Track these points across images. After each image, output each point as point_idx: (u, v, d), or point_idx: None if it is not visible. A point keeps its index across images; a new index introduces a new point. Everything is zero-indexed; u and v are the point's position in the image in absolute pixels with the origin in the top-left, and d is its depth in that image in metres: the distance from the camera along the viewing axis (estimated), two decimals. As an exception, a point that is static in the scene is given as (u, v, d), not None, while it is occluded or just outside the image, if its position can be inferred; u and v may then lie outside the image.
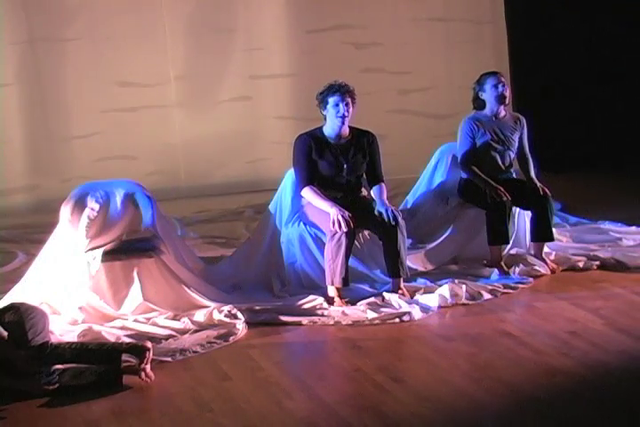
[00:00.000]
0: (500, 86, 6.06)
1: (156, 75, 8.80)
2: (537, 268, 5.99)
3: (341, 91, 5.67)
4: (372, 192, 5.79)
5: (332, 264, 5.43)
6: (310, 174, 5.66)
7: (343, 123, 5.66)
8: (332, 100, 5.66)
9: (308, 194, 5.64)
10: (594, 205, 7.59)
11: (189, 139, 8.92)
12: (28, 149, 8.59)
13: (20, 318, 4.46)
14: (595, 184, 8.69)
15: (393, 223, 5.50)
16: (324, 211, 5.53)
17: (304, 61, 9.17)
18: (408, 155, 8.61)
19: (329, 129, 5.71)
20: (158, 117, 8.85)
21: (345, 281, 5.46)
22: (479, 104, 6.15)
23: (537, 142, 9.52)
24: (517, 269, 5.96)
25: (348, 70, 9.23)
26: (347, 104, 5.65)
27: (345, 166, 5.68)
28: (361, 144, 5.75)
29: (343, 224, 5.38)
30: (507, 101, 6.14)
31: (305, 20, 9.13)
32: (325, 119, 5.73)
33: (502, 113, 6.16)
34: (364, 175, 5.82)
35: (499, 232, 5.92)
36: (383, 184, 5.80)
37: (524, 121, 6.26)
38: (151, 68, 8.78)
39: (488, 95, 6.09)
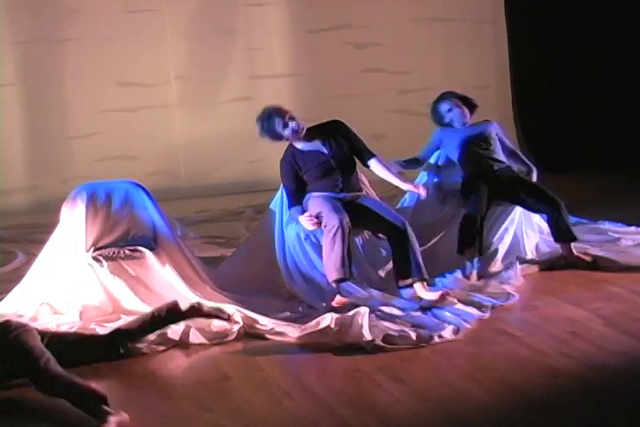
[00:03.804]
0: (451, 113, 6.23)
1: (157, 75, 8.81)
2: (512, 281, 5.73)
3: (280, 114, 5.55)
4: (377, 172, 5.73)
5: (329, 259, 5.35)
6: (296, 196, 5.64)
7: (302, 133, 5.60)
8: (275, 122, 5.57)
9: (293, 214, 5.65)
10: (594, 205, 7.59)
11: (189, 139, 8.93)
12: (28, 149, 8.60)
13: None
14: (595, 184, 8.68)
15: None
16: (324, 204, 5.52)
17: (304, 61, 9.18)
18: (408, 155, 8.59)
19: (296, 144, 5.70)
20: (158, 117, 8.85)
21: (345, 271, 5.30)
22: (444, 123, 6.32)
23: (537, 142, 9.60)
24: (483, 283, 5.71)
25: (348, 70, 9.27)
26: (285, 124, 5.55)
27: (325, 149, 5.63)
28: (330, 132, 5.69)
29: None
30: (467, 117, 6.25)
31: (305, 20, 9.14)
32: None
33: (468, 121, 6.29)
34: (357, 160, 5.75)
35: (467, 241, 5.89)
36: (378, 156, 5.73)
37: (493, 124, 6.36)
38: (151, 68, 8.79)
39: (450, 118, 6.26)
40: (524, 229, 6.25)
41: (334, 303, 5.33)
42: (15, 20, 8.41)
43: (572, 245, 6.05)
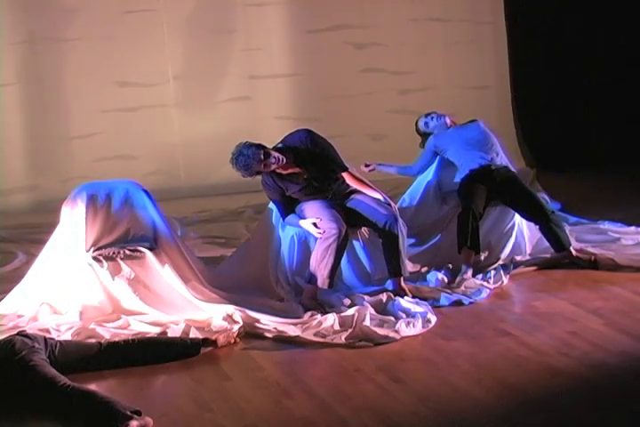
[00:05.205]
0: (428, 125, 6.45)
1: (156, 75, 8.80)
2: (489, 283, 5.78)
3: (249, 170, 5.48)
4: (350, 184, 5.71)
5: (319, 265, 5.41)
6: (288, 208, 5.64)
7: (279, 165, 5.48)
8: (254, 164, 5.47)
9: (289, 222, 5.66)
10: (594, 206, 7.59)
11: (189, 139, 8.92)
12: (28, 149, 8.59)
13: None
14: (595, 184, 8.69)
15: (388, 207, 5.54)
16: (322, 211, 5.53)
17: (304, 61, 9.17)
18: (408, 155, 8.60)
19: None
20: (158, 117, 8.85)
21: (330, 283, 5.43)
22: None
23: (537, 142, 9.61)
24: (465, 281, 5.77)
25: (348, 70, 9.26)
26: (266, 165, 5.44)
27: (302, 171, 5.56)
28: (302, 150, 5.56)
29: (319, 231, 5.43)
30: (449, 119, 6.41)
31: (305, 20, 9.13)
32: None
33: (449, 123, 6.40)
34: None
35: (463, 234, 5.92)
36: (348, 171, 5.66)
37: (479, 122, 6.42)
38: (150, 68, 8.78)
39: (432, 128, 6.43)
40: (524, 229, 6.26)
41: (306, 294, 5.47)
42: (15, 20, 8.40)
43: (572, 247, 6.06)
